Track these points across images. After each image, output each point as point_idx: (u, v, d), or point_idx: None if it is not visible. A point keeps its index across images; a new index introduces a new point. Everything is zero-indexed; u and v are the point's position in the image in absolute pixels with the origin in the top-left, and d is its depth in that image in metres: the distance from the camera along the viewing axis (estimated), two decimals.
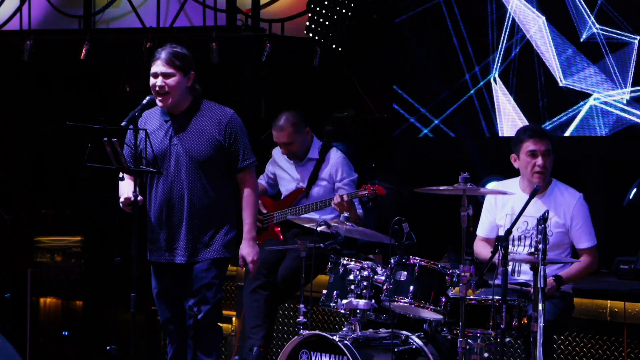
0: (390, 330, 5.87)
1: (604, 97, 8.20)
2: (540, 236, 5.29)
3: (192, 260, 5.80)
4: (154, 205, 5.84)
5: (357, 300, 5.93)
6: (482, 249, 6.23)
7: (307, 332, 5.95)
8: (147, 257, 5.91)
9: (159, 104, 5.77)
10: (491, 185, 7.91)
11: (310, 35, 9.10)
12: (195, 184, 5.77)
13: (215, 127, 5.79)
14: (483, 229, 6.33)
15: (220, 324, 5.96)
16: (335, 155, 7.30)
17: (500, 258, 5.36)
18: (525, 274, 6.04)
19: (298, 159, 7.32)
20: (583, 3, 8.26)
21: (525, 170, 6.11)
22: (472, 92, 8.90)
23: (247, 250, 5.89)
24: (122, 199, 5.62)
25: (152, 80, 5.77)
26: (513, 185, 6.22)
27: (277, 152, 7.49)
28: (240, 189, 5.91)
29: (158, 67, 5.75)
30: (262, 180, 7.55)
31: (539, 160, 6.04)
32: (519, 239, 6.08)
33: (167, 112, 5.84)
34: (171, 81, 5.73)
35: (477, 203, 6.21)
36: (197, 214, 5.77)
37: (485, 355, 5.66)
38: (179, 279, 5.83)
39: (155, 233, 5.84)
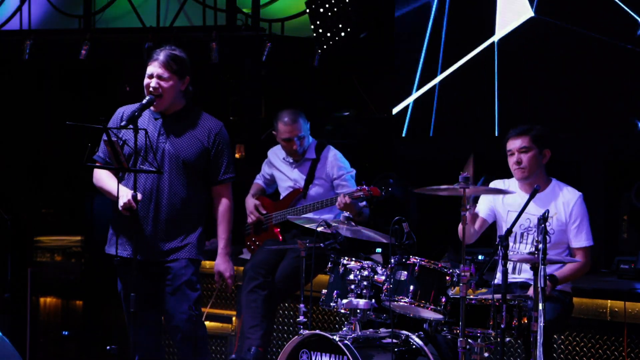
0: (390, 330, 5.87)
1: None
2: (540, 236, 5.29)
3: (163, 259, 5.73)
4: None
5: (357, 300, 5.93)
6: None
7: (307, 331, 5.95)
8: (106, 250, 5.83)
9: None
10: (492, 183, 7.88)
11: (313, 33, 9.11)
12: (177, 184, 5.74)
13: (205, 134, 5.81)
14: (480, 210, 6.28)
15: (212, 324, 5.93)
16: (331, 153, 7.29)
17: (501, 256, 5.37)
18: (525, 272, 6.04)
19: (297, 159, 7.29)
20: None
21: (511, 170, 6.17)
22: None
23: (224, 266, 5.89)
24: (121, 203, 5.54)
25: (146, 80, 5.76)
26: (513, 184, 6.23)
27: (272, 154, 7.47)
28: (216, 202, 5.88)
29: (155, 68, 5.74)
30: (259, 180, 7.55)
31: (514, 158, 6.10)
32: (522, 235, 6.09)
33: (157, 111, 5.83)
34: (166, 84, 5.73)
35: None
36: (175, 213, 5.73)
37: (485, 355, 5.65)
38: (150, 277, 5.75)
39: (125, 227, 5.71)
